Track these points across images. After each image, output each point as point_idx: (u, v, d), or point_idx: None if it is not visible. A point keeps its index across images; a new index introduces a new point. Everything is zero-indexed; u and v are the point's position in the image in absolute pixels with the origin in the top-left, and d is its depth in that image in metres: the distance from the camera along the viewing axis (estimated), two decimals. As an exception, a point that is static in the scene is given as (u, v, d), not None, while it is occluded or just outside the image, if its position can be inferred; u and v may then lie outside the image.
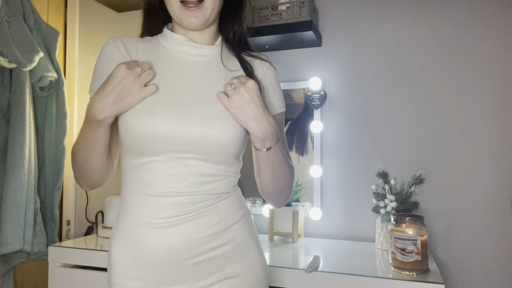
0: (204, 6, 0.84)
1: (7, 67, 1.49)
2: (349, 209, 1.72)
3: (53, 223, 1.67)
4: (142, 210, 0.83)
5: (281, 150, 0.87)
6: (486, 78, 1.56)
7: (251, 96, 0.79)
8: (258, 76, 0.91)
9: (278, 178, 0.89)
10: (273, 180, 0.89)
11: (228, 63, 0.91)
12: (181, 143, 0.80)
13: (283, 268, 1.25)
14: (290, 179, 0.92)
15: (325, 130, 1.77)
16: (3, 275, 1.55)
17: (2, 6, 1.48)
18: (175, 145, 0.80)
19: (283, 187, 0.91)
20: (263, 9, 1.65)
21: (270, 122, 0.81)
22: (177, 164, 0.82)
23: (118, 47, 0.87)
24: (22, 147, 1.49)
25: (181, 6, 0.84)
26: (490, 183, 1.54)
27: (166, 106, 0.81)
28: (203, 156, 0.82)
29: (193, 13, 0.83)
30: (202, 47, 0.90)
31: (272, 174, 0.88)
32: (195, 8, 0.83)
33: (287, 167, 0.90)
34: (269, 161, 0.85)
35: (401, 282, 1.14)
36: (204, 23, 0.86)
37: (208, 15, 0.85)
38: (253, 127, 0.80)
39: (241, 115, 0.80)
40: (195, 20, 0.84)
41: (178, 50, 0.90)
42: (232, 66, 0.91)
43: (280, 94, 0.95)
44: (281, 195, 0.93)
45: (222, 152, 0.83)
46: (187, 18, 0.84)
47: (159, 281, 0.83)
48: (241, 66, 0.91)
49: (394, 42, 1.69)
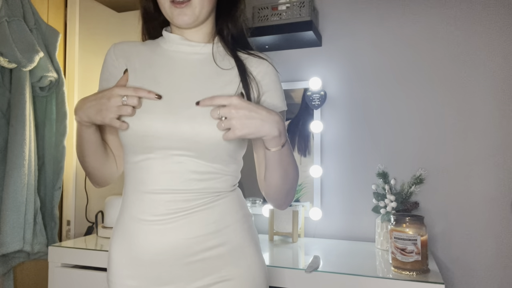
0: (192, 4, 0.85)
1: (7, 67, 1.49)
2: (349, 209, 1.72)
3: (53, 223, 1.68)
4: (137, 208, 0.84)
5: (290, 146, 0.87)
6: (486, 78, 1.56)
7: (245, 109, 0.76)
8: (254, 74, 0.91)
9: (288, 176, 0.88)
10: (283, 180, 0.88)
11: (222, 61, 0.91)
12: (173, 140, 0.81)
13: (283, 268, 1.25)
14: (297, 177, 0.92)
15: (325, 130, 1.77)
16: (3, 275, 1.55)
17: (2, 6, 1.48)
18: (167, 142, 0.82)
19: (291, 186, 0.91)
20: (263, 9, 1.65)
21: (277, 117, 0.79)
22: (170, 161, 0.83)
23: (117, 54, 0.91)
24: (22, 147, 1.49)
25: (171, 5, 0.86)
26: (490, 183, 1.54)
27: (159, 104, 0.83)
28: (195, 153, 0.83)
29: (182, 11, 0.85)
30: (195, 45, 0.91)
31: (283, 173, 0.87)
32: (183, 6, 0.85)
33: (295, 164, 0.90)
34: (281, 159, 0.84)
35: (401, 282, 1.14)
36: (195, 20, 0.87)
37: (198, 13, 0.87)
38: (267, 130, 0.78)
39: (254, 131, 0.77)
40: (185, 17, 0.86)
41: (174, 50, 0.91)
42: (226, 64, 0.91)
43: (281, 92, 0.95)
44: (288, 195, 0.92)
45: (214, 150, 0.83)
46: (177, 16, 0.86)
47: (154, 280, 0.83)
48: (235, 64, 0.91)
49: (394, 42, 1.69)
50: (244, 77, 0.89)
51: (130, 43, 0.93)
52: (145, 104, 0.83)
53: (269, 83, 0.92)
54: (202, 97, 0.85)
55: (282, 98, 0.95)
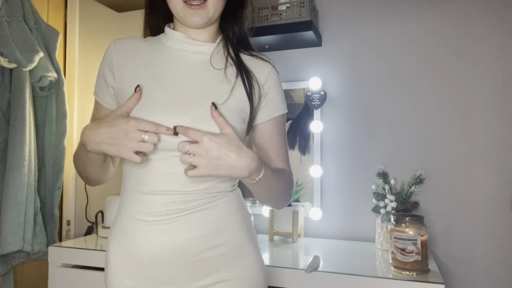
0: (207, 6, 0.84)
1: (7, 67, 1.49)
2: (349, 209, 1.72)
3: (53, 223, 1.67)
4: (137, 208, 0.84)
5: (271, 172, 0.84)
6: (487, 78, 1.56)
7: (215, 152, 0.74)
8: (257, 76, 0.91)
9: (275, 195, 0.88)
10: (269, 197, 0.88)
11: (219, 62, 0.90)
12: (175, 141, 0.80)
13: (283, 268, 1.25)
14: (288, 189, 0.92)
15: (325, 130, 1.77)
16: (3, 275, 1.55)
17: (2, 6, 1.48)
18: (169, 144, 0.81)
19: (282, 197, 0.91)
20: (263, 9, 1.65)
21: (247, 160, 0.76)
22: (172, 162, 0.82)
23: (118, 50, 0.89)
24: (22, 147, 1.49)
25: (184, 5, 0.84)
26: (490, 182, 1.54)
27: (162, 105, 0.82)
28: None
29: (196, 12, 0.84)
30: (201, 44, 0.90)
31: (268, 194, 0.87)
32: (198, 7, 0.83)
33: (282, 182, 0.88)
34: (261, 187, 0.84)
35: (401, 282, 1.14)
36: (207, 22, 0.86)
37: (211, 14, 0.86)
38: (236, 174, 0.76)
39: (222, 173, 0.75)
40: (198, 18, 0.84)
41: (178, 48, 0.90)
42: (223, 65, 0.90)
43: (282, 95, 0.95)
44: (282, 202, 0.93)
45: None
46: (190, 17, 0.84)
47: (153, 281, 0.83)
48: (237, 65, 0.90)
49: (394, 42, 1.69)
50: (248, 78, 0.88)
51: (131, 39, 0.92)
52: (147, 103, 0.82)
53: (271, 86, 0.92)
54: (205, 98, 0.84)
55: (284, 100, 0.95)
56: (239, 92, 0.87)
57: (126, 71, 0.87)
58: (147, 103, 0.82)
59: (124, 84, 0.86)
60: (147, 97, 0.82)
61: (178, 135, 0.78)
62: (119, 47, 0.89)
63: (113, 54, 0.89)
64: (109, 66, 0.89)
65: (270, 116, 0.92)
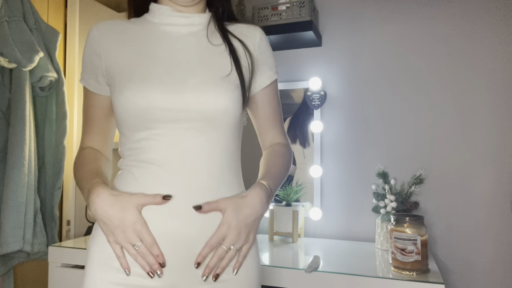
0: None
1: (7, 67, 1.49)
2: (349, 209, 1.72)
3: (53, 223, 1.67)
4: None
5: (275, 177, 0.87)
6: (486, 78, 1.56)
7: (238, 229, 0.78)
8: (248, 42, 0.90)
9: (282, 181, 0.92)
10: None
11: (213, 38, 0.89)
12: (179, 110, 0.78)
13: (283, 268, 1.25)
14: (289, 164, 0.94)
15: (325, 130, 1.77)
16: (3, 275, 1.55)
17: (2, 6, 1.48)
18: (173, 113, 0.78)
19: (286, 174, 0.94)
20: (263, 9, 1.65)
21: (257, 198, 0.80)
22: (175, 136, 0.79)
23: (101, 37, 0.86)
24: (22, 147, 1.49)
25: None
26: (490, 183, 1.54)
27: (160, 76, 0.80)
28: (203, 124, 0.80)
29: None
30: (190, 16, 0.88)
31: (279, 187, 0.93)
32: None
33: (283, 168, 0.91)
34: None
35: (401, 282, 1.14)
36: (199, 0, 0.87)
37: None
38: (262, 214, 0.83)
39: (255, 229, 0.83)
40: None
41: (167, 22, 0.88)
42: (219, 40, 0.89)
43: (273, 59, 0.95)
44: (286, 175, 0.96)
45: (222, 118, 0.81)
46: None
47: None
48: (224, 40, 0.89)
49: (394, 42, 1.69)
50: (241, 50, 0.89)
51: (114, 21, 0.88)
52: (146, 75, 0.80)
53: (262, 53, 0.92)
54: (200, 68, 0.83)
55: (274, 65, 0.95)
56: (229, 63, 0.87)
57: (113, 49, 0.85)
58: (143, 75, 0.80)
59: (112, 63, 0.84)
60: (142, 70, 0.81)
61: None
62: (102, 28, 0.87)
63: (96, 36, 0.86)
64: (94, 49, 0.86)
65: (265, 83, 0.92)
